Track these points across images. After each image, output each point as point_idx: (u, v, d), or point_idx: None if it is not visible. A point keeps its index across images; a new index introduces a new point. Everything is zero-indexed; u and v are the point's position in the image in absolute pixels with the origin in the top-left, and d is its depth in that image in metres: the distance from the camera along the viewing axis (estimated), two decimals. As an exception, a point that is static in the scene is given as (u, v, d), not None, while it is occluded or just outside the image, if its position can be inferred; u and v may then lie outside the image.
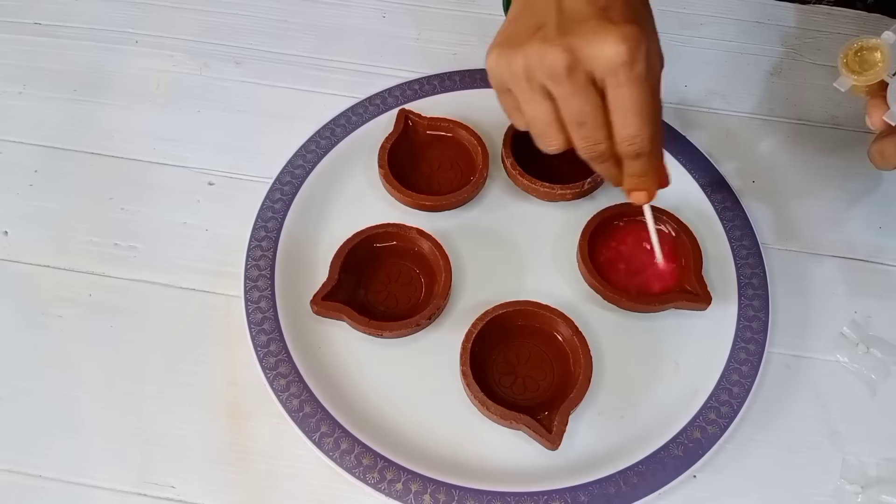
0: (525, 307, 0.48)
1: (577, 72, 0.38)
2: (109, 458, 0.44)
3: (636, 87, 0.38)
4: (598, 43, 0.37)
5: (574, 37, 0.38)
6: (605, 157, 0.42)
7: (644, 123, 0.40)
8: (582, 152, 0.42)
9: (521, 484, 0.43)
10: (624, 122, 0.40)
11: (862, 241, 0.55)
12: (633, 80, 0.38)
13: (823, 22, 0.68)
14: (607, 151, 0.42)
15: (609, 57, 0.37)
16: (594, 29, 0.38)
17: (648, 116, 0.39)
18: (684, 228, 0.52)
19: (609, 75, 0.38)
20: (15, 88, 0.60)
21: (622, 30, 0.37)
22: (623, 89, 0.38)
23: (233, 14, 0.65)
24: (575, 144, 0.42)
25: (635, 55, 0.37)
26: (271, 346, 0.47)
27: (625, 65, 0.37)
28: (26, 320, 0.49)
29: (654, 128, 0.40)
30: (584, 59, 0.38)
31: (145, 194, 0.55)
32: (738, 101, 0.62)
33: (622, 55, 0.37)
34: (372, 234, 0.50)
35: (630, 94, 0.38)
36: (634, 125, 0.40)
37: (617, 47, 0.37)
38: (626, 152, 0.41)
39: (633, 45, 0.37)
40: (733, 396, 0.46)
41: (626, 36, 0.37)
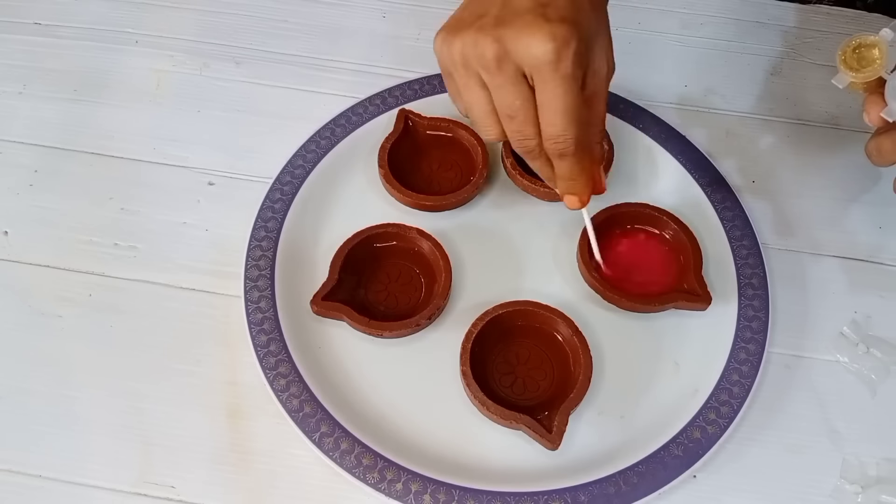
0: (525, 307, 0.48)
1: (506, 63, 0.38)
2: (109, 458, 0.44)
3: (560, 87, 0.38)
4: (526, 38, 0.37)
5: (507, 29, 0.38)
6: (536, 153, 0.42)
7: (568, 124, 0.39)
8: (514, 146, 0.43)
9: (521, 484, 0.43)
10: (548, 120, 0.40)
11: (862, 240, 0.55)
12: (557, 79, 0.38)
13: (823, 22, 0.68)
14: (537, 148, 0.42)
15: (535, 54, 0.37)
16: (528, 23, 0.38)
17: (573, 117, 0.39)
18: (684, 228, 0.52)
19: (535, 72, 0.38)
20: (15, 88, 0.60)
21: (552, 28, 0.37)
22: (548, 87, 0.38)
23: (233, 14, 0.65)
24: (508, 137, 0.42)
25: (561, 54, 0.37)
26: (271, 346, 0.47)
27: (550, 63, 0.37)
28: (26, 320, 0.49)
29: (580, 131, 0.40)
30: (513, 52, 0.38)
31: (145, 194, 0.55)
32: (737, 100, 0.62)
33: (548, 53, 0.37)
34: (372, 234, 0.50)
35: (554, 93, 0.38)
36: (559, 124, 0.40)
37: (544, 45, 0.37)
38: (551, 151, 0.41)
39: (561, 44, 0.37)
40: (733, 396, 0.46)
41: (554, 35, 0.37)
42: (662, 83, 0.62)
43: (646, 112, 0.58)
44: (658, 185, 0.56)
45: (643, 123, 0.58)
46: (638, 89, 0.61)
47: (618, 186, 0.56)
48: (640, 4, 0.68)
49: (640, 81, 0.62)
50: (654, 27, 0.66)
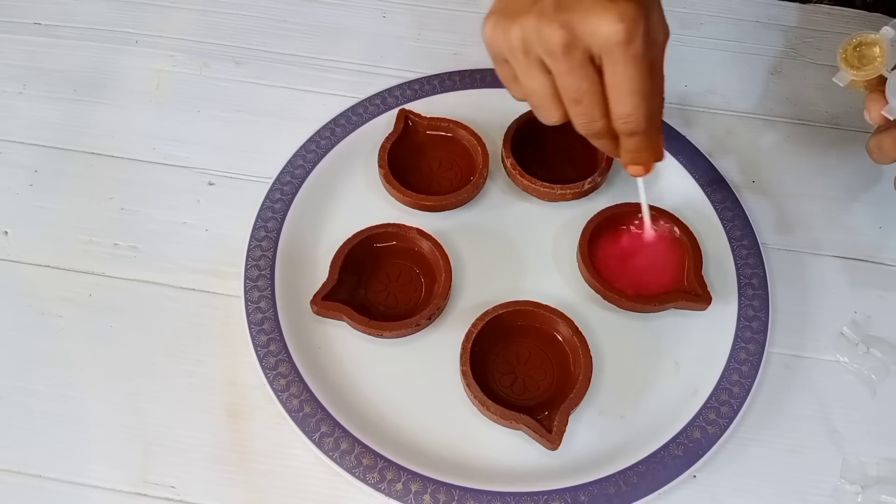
0: (525, 307, 0.48)
1: (575, 49, 0.38)
2: (109, 458, 0.44)
3: (632, 66, 0.38)
4: (596, 20, 0.37)
5: (571, 13, 0.38)
6: (602, 133, 0.42)
7: (640, 102, 0.39)
8: (579, 128, 0.42)
9: (521, 484, 0.43)
10: (620, 100, 0.40)
11: (862, 240, 0.55)
12: (629, 58, 0.38)
13: (823, 22, 0.68)
14: (604, 129, 0.42)
15: (606, 35, 0.37)
16: (592, 5, 0.37)
17: (644, 94, 0.39)
18: (684, 228, 0.52)
19: (606, 53, 0.38)
20: (15, 88, 0.60)
21: (619, 7, 0.37)
22: (619, 67, 0.38)
23: (233, 14, 0.65)
24: (572, 120, 0.42)
25: (633, 33, 0.37)
26: (271, 346, 0.47)
27: (621, 43, 0.37)
28: (26, 320, 0.49)
29: (650, 106, 0.40)
30: (581, 37, 0.38)
31: (145, 194, 0.55)
32: (738, 100, 0.62)
33: (619, 34, 0.37)
34: (372, 234, 0.50)
35: (626, 73, 0.38)
36: (630, 103, 0.39)
37: (614, 25, 0.37)
38: (622, 130, 0.41)
39: (631, 23, 0.37)
40: (733, 396, 0.46)
41: (623, 14, 0.37)
42: (666, 56, 0.62)
43: (646, 112, 0.58)
44: (658, 185, 0.56)
45: (643, 123, 0.58)
46: (638, 89, 0.61)
47: (618, 187, 0.56)
48: (640, 4, 0.68)
49: (640, 81, 0.62)
50: (654, 27, 0.66)
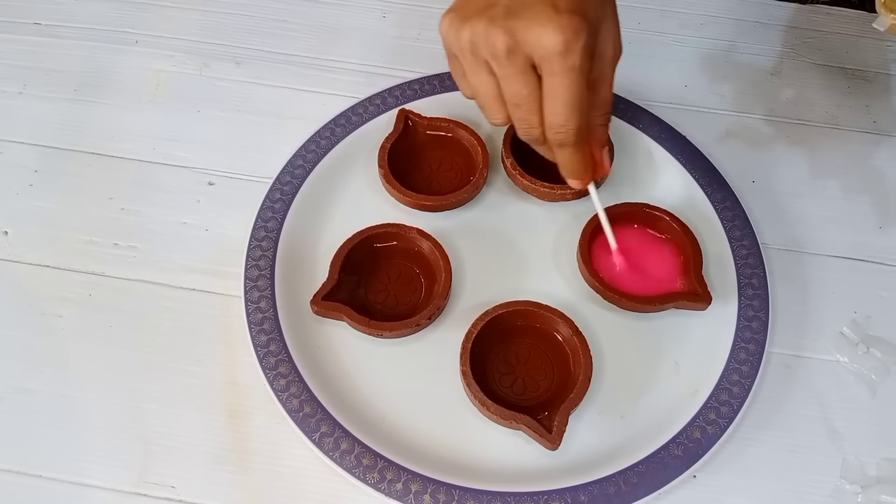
0: (525, 307, 0.48)
1: (516, 55, 0.39)
2: (109, 458, 0.44)
3: (567, 78, 0.39)
4: (537, 29, 0.38)
5: (517, 20, 0.39)
6: (540, 140, 0.43)
7: (571, 114, 0.40)
8: (518, 133, 0.44)
9: (521, 484, 0.43)
10: (552, 110, 0.40)
11: (861, 240, 0.55)
12: (565, 70, 0.38)
13: (823, 22, 0.68)
14: (542, 136, 0.42)
15: (545, 45, 0.38)
16: (538, 14, 0.38)
17: (577, 108, 0.40)
18: (684, 228, 0.52)
19: (544, 62, 0.39)
20: (15, 88, 0.60)
21: (562, 19, 0.38)
22: (554, 78, 0.39)
23: (233, 14, 0.65)
24: (513, 123, 0.43)
25: (571, 46, 0.38)
26: (271, 346, 0.47)
27: (559, 54, 0.38)
28: (26, 320, 0.49)
29: (581, 120, 0.41)
30: (523, 44, 0.39)
31: (145, 194, 0.55)
32: (738, 100, 0.62)
33: (557, 45, 0.38)
34: (372, 234, 0.50)
35: (560, 84, 0.39)
36: (562, 115, 0.40)
37: (553, 36, 0.38)
38: (552, 140, 0.42)
39: (571, 35, 0.38)
40: (733, 396, 0.46)
41: (565, 26, 0.38)
42: (662, 83, 0.62)
43: (646, 112, 0.58)
44: (658, 185, 0.56)
45: (643, 123, 0.58)
46: (638, 89, 0.61)
47: (618, 186, 0.56)
48: (640, 4, 0.68)
49: (640, 81, 0.62)
50: (654, 27, 0.66)
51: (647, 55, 0.64)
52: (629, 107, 0.58)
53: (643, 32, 0.66)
